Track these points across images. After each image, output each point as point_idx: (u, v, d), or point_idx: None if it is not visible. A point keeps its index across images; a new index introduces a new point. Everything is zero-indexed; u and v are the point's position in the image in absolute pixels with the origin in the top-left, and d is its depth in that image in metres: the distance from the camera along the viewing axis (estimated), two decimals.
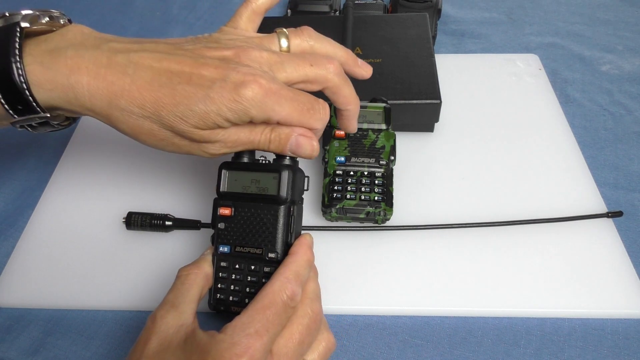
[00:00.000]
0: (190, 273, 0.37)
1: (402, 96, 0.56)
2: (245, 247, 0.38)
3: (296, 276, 0.35)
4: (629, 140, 0.61)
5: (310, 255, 0.37)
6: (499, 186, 0.54)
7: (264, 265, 0.38)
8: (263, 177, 0.38)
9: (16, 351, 0.44)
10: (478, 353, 0.43)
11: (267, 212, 0.38)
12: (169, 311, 0.34)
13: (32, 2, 0.39)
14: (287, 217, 0.38)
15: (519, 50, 0.73)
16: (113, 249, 0.50)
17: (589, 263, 0.48)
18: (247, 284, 0.38)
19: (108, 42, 0.36)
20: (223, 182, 0.39)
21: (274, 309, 0.33)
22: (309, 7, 0.72)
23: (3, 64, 0.33)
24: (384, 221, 0.50)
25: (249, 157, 0.40)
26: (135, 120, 0.36)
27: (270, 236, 0.38)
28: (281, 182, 0.38)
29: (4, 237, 0.52)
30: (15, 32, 0.34)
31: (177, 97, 0.35)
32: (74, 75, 0.34)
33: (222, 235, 0.39)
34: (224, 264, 0.39)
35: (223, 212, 0.39)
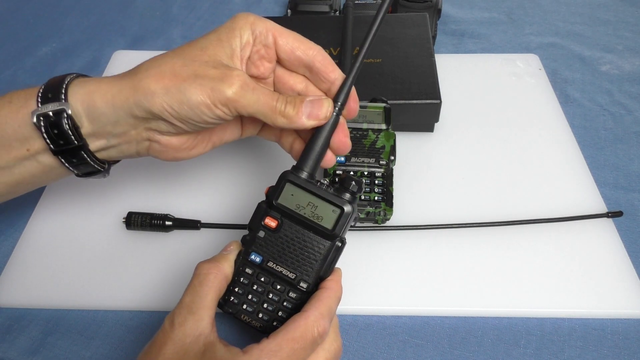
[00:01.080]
0: (210, 273, 0.36)
1: (402, 96, 0.56)
2: (279, 266, 0.37)
3: (329, 312, 0.35)
4: (629, 140, 0.61)
5: (341, 292, 0.37)
6: (498, 186, 0.54)
7: (290, 290, 0.37)
8: (322, 205, 0.37)
9: (16, 351, 0.44)
10: (478, 353, 0.43)
11: (314, 242, 0.37)
12: (187, 318, 0.33)
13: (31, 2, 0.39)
14: (333, 255, 0.37)
15: (519, 50, 0.73)
16: (113, 249, 0.50)
17: (589, 263, 0.48)
18: (267, 300, 0.37)
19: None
20: (279, 192, 0.38)
21: (303, 342, 0.32)
22: (309, 7, 0.72)
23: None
24: (384, 221, 0.50)
25: (308, 175, 0.38)
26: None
27: (309, 266, 0.37)
28: (340, 219, 0.36)
29: (4, 237, 0.52)
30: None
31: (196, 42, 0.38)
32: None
33: (259, 244, 0.38)
34: (249, 271, 0.38)
35: (269, 222, 0.38)
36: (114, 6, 0.84)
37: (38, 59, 0.73)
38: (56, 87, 0.37)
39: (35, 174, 0.40)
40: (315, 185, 0.38)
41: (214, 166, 0.57)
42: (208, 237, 0.50)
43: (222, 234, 0.50)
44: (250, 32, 0.38)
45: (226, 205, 0.53)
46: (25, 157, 0.38)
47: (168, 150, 0.40)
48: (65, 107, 0.36)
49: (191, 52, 0.37)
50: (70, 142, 0.37)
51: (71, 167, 0.39)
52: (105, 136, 0.38)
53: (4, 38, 0.77)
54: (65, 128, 0.37)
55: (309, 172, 0.38)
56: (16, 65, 0.72)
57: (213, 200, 0.53)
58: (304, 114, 0.37)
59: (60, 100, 0.37)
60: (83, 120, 0.37)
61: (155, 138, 0.39)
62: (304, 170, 0.38)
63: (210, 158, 0.58)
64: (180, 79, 0.36)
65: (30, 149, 0.38)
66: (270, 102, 0.37)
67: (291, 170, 0.38)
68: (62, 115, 0.36)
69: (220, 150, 0.58)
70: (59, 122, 0.36)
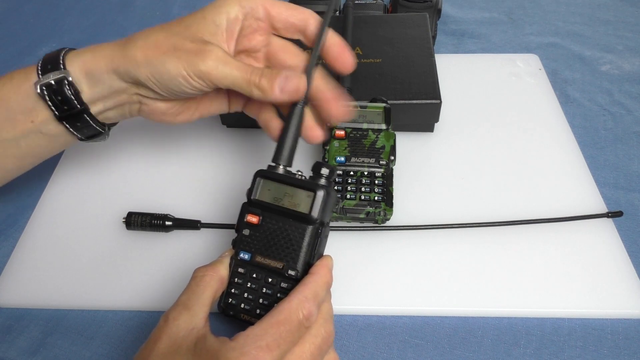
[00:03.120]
0: (205, 275, 0.37)
1: (402, 96, 0.56)
2: (267, 259, 0.38)
3: (314, 296, 0.35)
4: (629, 140, 0.61)
5: (329, 277, 0.37)
6: (498, 186, 0.54)
7: (281, 280, 0.38)
8: (297, 193, 0.38)
9: (16, 351, 0.44)
10: (478, 353, 0.43)
11: (295, 229, 0.38)
12: (182, 313, 0.34)
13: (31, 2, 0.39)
14: (314, 238, 0.38)
15: (519, 50, 0.73)
16: (113, 249, 0.50)
17: (589, 263, 0.48)
18: (261, 295, 0.38)
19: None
20: (256, 189, 0.39)
21: (289, 325, 0.33)
22: (309, 7, 0.72)
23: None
24: (384, 221, 0.50)
25: (284, 169, 0.40)
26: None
27: (294, 253, 0.38)
28: (315, 202, 0.37)
29: (4, 237, 0.52)
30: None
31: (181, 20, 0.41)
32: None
33: (245, 242, 0.39)
34: (241, 270, 0.39)
35: (250, 219, 0.39)
36: (114, 6, 0.84)
37: (38, 59, 0.73)
38: (54, 59, 0.41)
39: (41, 144, 0.43)
40: (289, 176, 0.39)
41: (214, 166, 0.57)
42: (208, 237, 0.50)
43: (222, 234, 0.50)
44: (239, 8, 0.40)
45: (226, 205, 0.53)
46: (31, 129, 0.41)
47: (155, 113, 0.43)
48: (65, 75, 0.40)
49: (176, 27, 0.40)
50: (74, 107, 0.40)
51: (75, 131, 0.42)
52: (102, 100, 0.41)
53: (4, 38, 0.77)
54: (68, 94, 0.40)
55: (284, 165, 0.40)
56: (16, 66, 0.71)
57: (213, 200, 0.53)
58: (278, 87, 0.39)
59: (60, 69, 0.40)
60: (83, 86, 0.40)
61: (144, 101, 0.42)
62: (279, 165, 0.40)
63: (210, 158, 0.58)
64: (161, 51, 0.38)
65: (35, 120, 0.41)
66: (245, 74, 0.39)
67: (267, 168, 0.40)
68: (63, 83, 0.40)
69: (220, 151, 0.58)
70: (61, 89, 0.40)
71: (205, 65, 0.38)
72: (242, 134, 0.60)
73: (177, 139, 0.60)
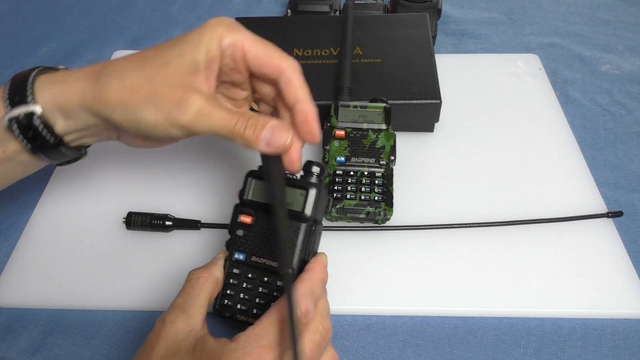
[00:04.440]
0: (200, 277, 0.37)
1: (402, 96, 0.56)
2: (261, 258, 0.38)
3: (311, 293, 0.35)
4: (629, 140, 0.61)
5: (325, 274, 0.38)
6: (498, 186, 0.54)
7: (277, 279, 0.38)
8: (289, 192, 0.38)
9: (16, 351, 0.44)
10: (478, 353, 0.43)
11: (289, 227, 0.38)
12: (179, 316, 0.34)
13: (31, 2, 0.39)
14: (307, 235, 0.38)
15: (519, 50, 0.73)
16: (113, 249, 0.50)
17: (589, 263, 0.48)
18: (258, 294, 0.38)
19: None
20: (247, 189, 0.39)
21: (287, 323, 0.32)
22: (309, 7, 0.72)
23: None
24: (384, 221, 0.50)
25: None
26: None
27: (289, 252, 0.37)
28: (307, 200, 0.38)
29: (4, 237, 0.52)
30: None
31: (157, 51, 0.37)
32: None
33: (239, 243, 0.39)
34: (236, 271, 0.39)
35: (244, 219, 0.39)
36: (114, 6, 0.84)
37: (38, 59, 0.73)
38: (22, 87, 0.36)
39: (16, 168, 0.40)
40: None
41: (214, 166, 0.57)
42: (208, 237, 0.50)
43: (222, 234, 0.50)
44: (217, 45, 0.37)
45: (226, 205, 0.53)
46: (2, 158, 0.38)
47: (136, 141, 0.41)
48: (35, 110, 0.36)
49: (152, 65, 0.37)
50: (46, 141, 0.37)
51: (51, 160, 0.39)
52: (78, 131, 0.38)
53: (4, 38, 0.77)
54: (39, 129, 0.36)
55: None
56: (16, 66, 0.72)
57: (213, 200, 0.53)
58: (263, 140, 0.37)
59: (28, 102, 0.36)
60: (56, 119, 0.37)
61: (122, 135, 0.40)
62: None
63: (209, 158, 0.58)
64: (138, 98, 0.35)
65: (6, 150, 0.38)
66: (229, 124, 0.36)
67: (258, 169, 0.40)
68: (32, 118, 0.36)
69: (220, 151, 0.58)
70: (32, 124, 0.36)
71: (186, 119, 0.35)
72: None
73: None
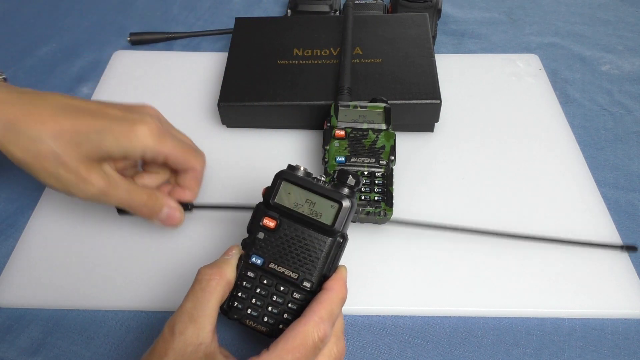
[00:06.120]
0: (212, 279, 0.35)
1: (402, 96, 0.56)
2: (281, 267, 0.37)
3: (330, 316, 0.34)
4: (629, 140, 0.61)
5: (345, 292, 0.36)
6: (498, 186, 0.54)
7: (294, 291, 0.36)
8: (320, 201, 0.36)
9: (16, 351, 0.44)
10: (478, 353, 0.43)
11: (315, 240, 0.36)
12: (188, 326, 0.32)
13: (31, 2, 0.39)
14: (334, 251, 0.37)
15: (519, 50, 0.73)
16: (113, 249, 0.50)
17: (589, 263, 0.48)
18: (271, 302, 0.37)
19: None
20: (275, 192, 0.37)
21: (304, 350, 0.32)
22: (309, 7, 0.72)
23: None
24: (384, 221, 0.50)
25: (305, 172, 0.38)
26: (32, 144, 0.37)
27: (311, 265, 0.36)
28: (340, 214, 0.36)
29: (4, 237, 0.52)
30: None
31: (77, 126, 0.37)
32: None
33: (259, 246, 0.37)
34: (251, 274, 0.37)
35: (267, 223, 0.37)
36: (114, 6, 0.84)
37: (38, 59, 0.73)
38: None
39: None
40: (312, 181, 0.37)
41: (213, 166, 0.57)
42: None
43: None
44: (140, 153, 0.40)
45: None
46: None
47: None
48: None
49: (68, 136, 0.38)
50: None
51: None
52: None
53: (4, 38, 0.77)
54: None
55: (304, 168, 0.38)
56: (16, 65, 0.72)
57: (213, 200, 0.53)
58: (158, 220, 0.43)
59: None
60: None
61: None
62: (299, 167, 0.38)
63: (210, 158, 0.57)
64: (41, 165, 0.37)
65: None
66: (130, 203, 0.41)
67: (287, 169, 0.38)
68: None
69: (221, 150, 0.58)
70: None
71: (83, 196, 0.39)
72: (242, 134, 0.60)
73: None
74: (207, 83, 0.66)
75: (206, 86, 0.66)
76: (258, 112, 0.58)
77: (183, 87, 0.65)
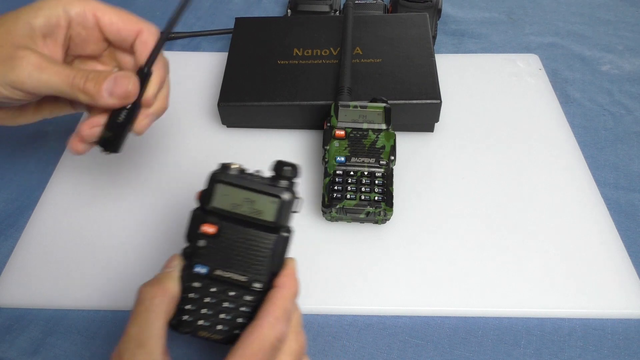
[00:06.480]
0: (155, 297, 0.32)
1: (402, 96, 0.56)
2: (228, 272, 0.35)
3: (284, 313, 0.32)
4: (629, 140, 0.61)
5: (296, 286, 0.35)
6: (498, 186, 0.54)
7: (245, 294, 0.35)
8: (259, 199, 0.35)
9: (16, 351, 0.44)
10: (478, 353, 0.43)
11: (259, 239, 0.35)
12: (136, 352, 0.30)
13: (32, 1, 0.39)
14: (281, 247, 0.35)
15: (519, 50, 0.73)
16: (113, 248, 0.50)
17: (589, 263, 0.48)
18: (222, 310, 0.35)
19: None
20: (212, 195, 0.35)
21: (262, 354, 0.31)
22: (309, 7, 0.72)
23: None
24: (384, 221, 0.50)
25: (240, 170, 0.36)
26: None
27: (259, 265, 0.35)
28: (281, 209, 0.35)
29: (4, 237, 0.52)
30: None
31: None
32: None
33: (202, 254, 0.35)
34: (197, 284, 0.35)
35: (207, 229, 0.35)
36: (114, 6, 0.84)
37: None
38: None
39: None
40: (248, 179, 0.35)
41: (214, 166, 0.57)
42: None
43: None
44: (62, 13, 0.37)
45: None
46: None
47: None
48: None
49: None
50: None
51: None
52: None
53: None
54: None
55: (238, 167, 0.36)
56: None
57: None
58: (105, 90, 0.36)
59: None
60: None
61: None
62: (233, 165, 0.36)
63: (210, 158, 0.58)
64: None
65: None
66: (67, 79, 0.35)
67: (220, 169, 0.36)
68: None
69: (221, 150, 0.58)
70: None
71: (16, 74, 0.34)
72: (242, 134, 0.60)
73: (176, 138, 0.60)
74: (207, 83, 0.66)
75: (206, 86, 0.66)
76: (258, 112, 0.58)
77: (183, 87, 0.65)
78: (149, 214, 0.52)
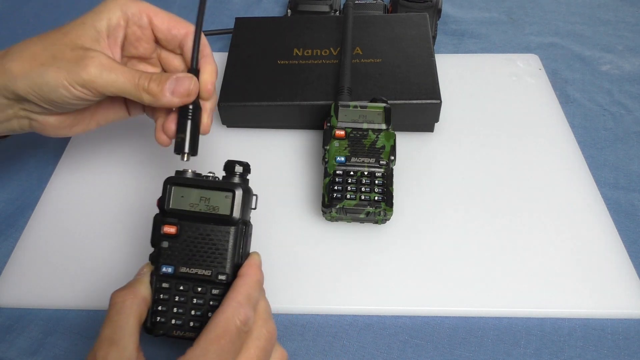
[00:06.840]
0: (126, 300, 0.34)
1: (402, 96, 0.56)
2: (192, 268, 0.36)
3: (248, 299, 0.34)
4: (629, 140, 0.61)
5: (260, 275, 0.36)
6: (498, 186, 0.54)
7: (212, 288, 0.36)
8: (213, 196, 0.37)
9: (16, 351, 0.44)
10: (478, 353, 0.43)
11: (217, 233, 0.37)
12: (109, 350, 0.31)
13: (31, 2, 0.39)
14: (239, 239, 0.37)
15: (519, 50, 0.73)
16: (112, 248, 0.50)
17: (589, 263, 0.48)
18: (192, 306, 0.36)
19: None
20: (168, 198, 0.37)
21: (228, 337, 0.31)
22: (309, 7, 0.72)
23: None
24: (384, 221, 0.50)
25: (193, 173, 0.38)
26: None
27: (221, 258, 0.36)
28: (235, 202, 0.36)
29: (4, 237, 0.52)
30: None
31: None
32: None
33: (165, 255, 0.37)
34: (165, 285, 0.37)
35: (167, 230, 0.37)
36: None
37: None
38: None
39: None
40: (202, 179, 0.38)
41: (213, 166, 0.57)
42: None
43: None
44: (121, 14, 0.39)
45: None
46: None
47: (47, 127, 0.41)
48: None
49: (53, 36, 0.38)
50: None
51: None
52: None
53: (4, 38, 0.77)
54: None
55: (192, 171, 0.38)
56: None
57: None
58: (168, 90, 0.38)
59: None
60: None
61: (32, 117, 0.40)
62: (188, 169, 0.38)
63: (210, 158, 0.58)
64: (38, 62, 0.37)
65: None
66: (132, 79, 0.38)
67: (174, 175, 0.38)
68: None
69: (221, 150, 0.58)
70: None
71: (88, 73, 0.36)
72: (242, 134, 0.60)
73: None
74: None
75: None
76: (258, 112, 0.58)
77: None
78: (149, 214, 0.52)
